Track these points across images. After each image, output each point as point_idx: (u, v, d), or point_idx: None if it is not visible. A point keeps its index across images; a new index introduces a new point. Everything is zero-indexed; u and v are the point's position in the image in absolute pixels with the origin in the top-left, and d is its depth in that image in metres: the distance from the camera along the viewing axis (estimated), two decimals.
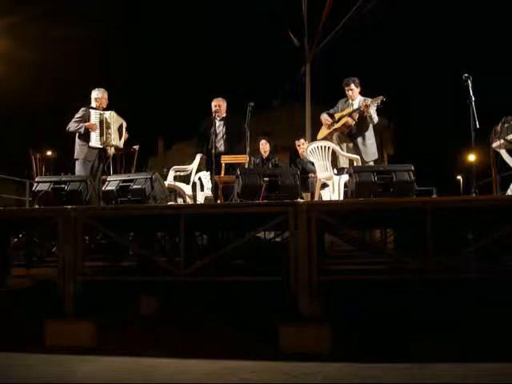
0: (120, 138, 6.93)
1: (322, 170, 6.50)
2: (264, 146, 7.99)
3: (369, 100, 6.29)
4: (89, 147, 6.73)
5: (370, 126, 6.42)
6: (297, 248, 3.70)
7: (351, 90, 6.54)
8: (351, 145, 6.45)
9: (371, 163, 6.46)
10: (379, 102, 6.23)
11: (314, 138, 9.20)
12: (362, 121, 6.33)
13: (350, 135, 6.45)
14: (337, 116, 6.57)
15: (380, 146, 6.66)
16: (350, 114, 6.37)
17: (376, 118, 6.32)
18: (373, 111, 6.26)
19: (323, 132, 6.71)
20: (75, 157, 6.83)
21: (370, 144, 6.43)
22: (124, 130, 6.99)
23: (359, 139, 6.40)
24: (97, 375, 3.12)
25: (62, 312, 3.85)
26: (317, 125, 7.13)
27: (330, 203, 4.66)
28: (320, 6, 15.71)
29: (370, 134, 6.45)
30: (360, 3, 15.10)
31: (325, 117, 6.69)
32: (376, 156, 6.52)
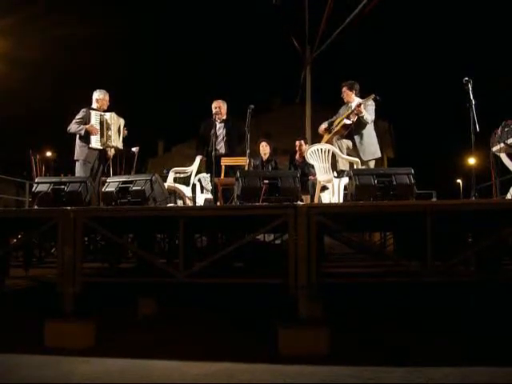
0: (119, 139, 6.95)
1: (322, 172, 6.51)
2: (264, 148, 8.00)
3: (362, 100, 6.34)
4: (89, 148, 6.75)
5: (369, 125, 6.43)
6: (296, 250, 3.70)
7: (344, 92, 6.61)
8: (351, 144, 6.48)
9: (371, 162, 6.46)
10: (370, 100, 6.26)
11: (314, 141, 9.22)
12: (359, 120, 6.35)
13: (351, 136, 6.47)
14: (337, 121, 6.60)
15: (380, 149, 6.65)
16: (347, 116, 6.40)
17: (369, 118, 6.33)
18: (366, 111, 6.28)
19: (326, 137, 6.76)
20: (75, 158, 6.84)
21: (367, 143, 6.44)
22: (122, 127, 7.00)
23: (357, 138, 6.43)
24: (96, 376, 3.12)
25: (62, 313, 3.84)
26: (317, 127, 7.16)
27: (330, 206, 4.66)
28: (321, 8, 15.73)
29: (368, 133, 6.46)
30: (360, 7, 15.10)
31: (321, 127, 6.78)
32: (376, 155, 6.50)
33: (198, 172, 7.56)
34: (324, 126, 6.76)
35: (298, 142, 8.25)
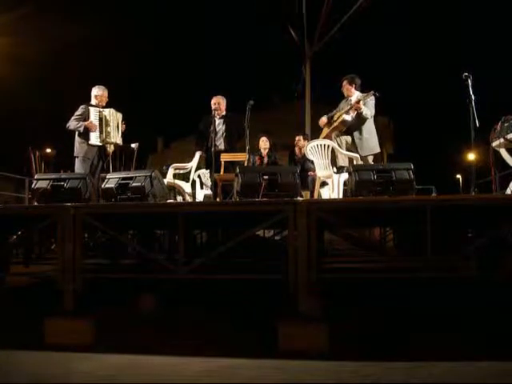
0: (119, 135, 6.93)
1: (322, 168, 6.50)
2: (264, 144, 7.99)
3: (361, 96, 6.32)
4: (88, 145, 6.74)
5: (368, 120, 6.41)
6: (296, 246, 3.70)
7: (344, 87, 6.60)
8: (350, 140, 6.47)
9: (370, 157, 6.45)
10: (369, 97, 6.25)
11: (313, 136, 9.21)
12: (359, 116, 6.33)
13: (350, 131, 6.45)
14: (337, 116, 6.58)
15: (380, 145, 6.66)
16: (346, 112, 6.38)
17: (368, 114, 6.31)
18: (365, 106, 6.26)
19: (325, 132, 6.75)
20: (75, 154, 6.84)
21: (366, 138, 6.42)
22: (120, 122, 6.97)
23: (356, 133, 6.42)
24: (96, 374, 3.12)
25: (62, 310, 3.84)
26: (317, 123, 7.15)
27: (330, 202, 4.65)
28: (320, 3, 15.70)
29: (367, 129, 6.44)
30: (359, 3, 15.07)
31: (322, 119, 6.75)
32: (375, 150, 6.49)
33: (198, 168, 7.56)
34: (325, 119, 6.75)
35: (297, 138, 8.24)
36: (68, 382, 3.01)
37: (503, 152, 5.47)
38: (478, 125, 5.03)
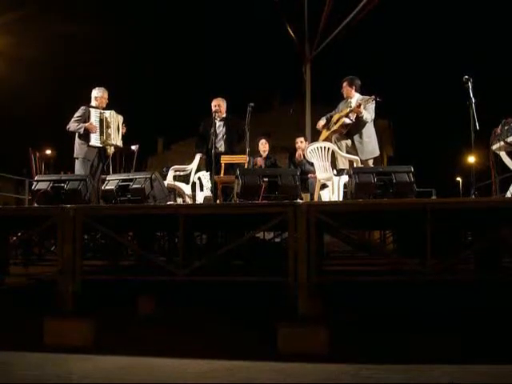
0: (119, 137, 6.93)
1: (322, 170, 6.51)
2: (264, 146, 7.99)
3: (361, 99, 6.32)
4: (88, 146, 6.74)
5: (368, 124, 6.41)
6: (296, 248, 3.70)
7: (344, 88, 6.60)
8: (350, 143, 6.46)
9: (370, 161, 6.45)
10: (370, 102, 6.25)
11: (313, 139, 9.21)
12: (359, 119, 6.33)
13: (350, 135, 6.45)
14: (336, 117, 6.58)
15: (380, 147, 6.66)
16: (346, 115, 6.38)
17: (369, 117, 6.31)
18: (365, 110, 6.26)
19: (324, 134, 6.74)
20: (75, 156, 6.84)
21: (366, 142, 6.42)
22: (121, 124, 6.98)
23: (356, 137, 6.42)
24: (95, 375, 3.12)
25: (61, 311, 3.84)
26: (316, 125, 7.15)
27: (330, 204, 4.65)
28: (321, 6, 15.69)
29: (367, 132, 6.44)
30: (361, 5, 15.06)
31: (320, 122, 6.75)
32: (375, 154, 6.49)
33: (198, 170, 7.56)
34: (322, 122, 6.75)
35: (299, 140, 8.24)
36: (67, 383, 3.01)
37: (503, 155, 5.48)
38: (478, 127, 5.04)
